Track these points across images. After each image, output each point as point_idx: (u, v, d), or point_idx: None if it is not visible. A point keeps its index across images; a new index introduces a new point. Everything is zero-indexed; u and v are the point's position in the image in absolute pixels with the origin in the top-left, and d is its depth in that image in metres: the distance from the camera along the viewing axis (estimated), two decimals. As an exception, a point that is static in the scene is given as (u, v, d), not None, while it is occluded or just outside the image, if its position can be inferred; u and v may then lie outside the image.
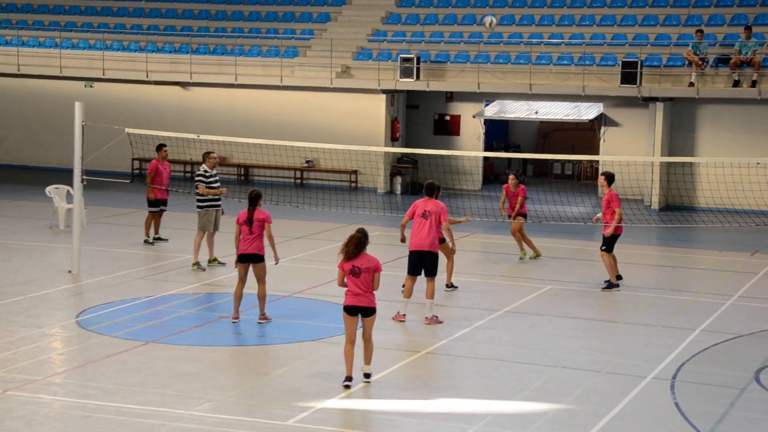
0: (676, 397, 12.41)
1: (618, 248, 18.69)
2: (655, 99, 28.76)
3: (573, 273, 19.51)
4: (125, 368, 13.09)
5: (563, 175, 34.10)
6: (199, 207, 18.97)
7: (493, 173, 33.33)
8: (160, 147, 21.36)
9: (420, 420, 11.52)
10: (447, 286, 17.84)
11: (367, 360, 12.56)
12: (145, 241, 21.31)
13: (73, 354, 13.87)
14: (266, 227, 15.00)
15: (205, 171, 18.91)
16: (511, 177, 20.45)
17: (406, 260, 20.45)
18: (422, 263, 15.65)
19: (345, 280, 12.38)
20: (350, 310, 12.36)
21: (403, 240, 16.35)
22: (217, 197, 19.02)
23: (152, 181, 21.16)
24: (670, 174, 28.58)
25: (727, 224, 24.41)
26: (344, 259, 12.31)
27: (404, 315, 15.66)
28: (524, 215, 20.40)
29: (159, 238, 21.51)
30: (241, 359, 13.88)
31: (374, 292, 12.37)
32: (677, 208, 28.42)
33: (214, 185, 18.94)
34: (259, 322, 15.14)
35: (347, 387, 12.28)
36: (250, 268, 15.19)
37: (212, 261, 19.20)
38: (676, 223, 25.76)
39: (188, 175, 32.11)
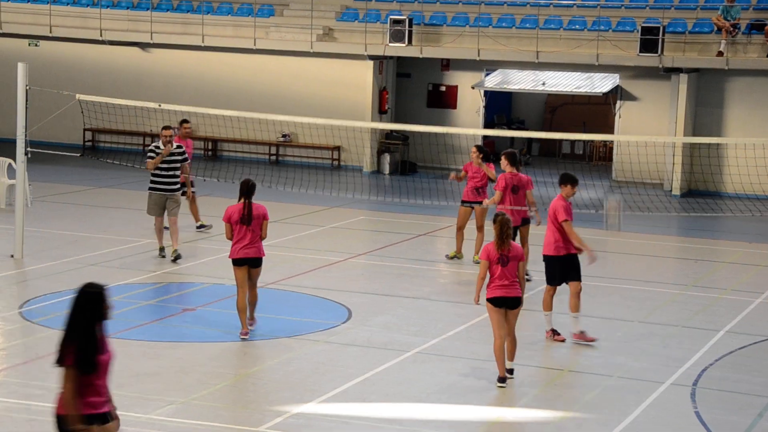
0: (698, 406, 12.51)
1: (635, 238, 18.72)
2: (678, 70, 28.86)
3: (582, 265, 19.58)
4: (75, 366, 13.12)
5: (573, 155, 34.18)
6: (149, 188, 18.82)
7: (494, 152, 33.39)
8: (182, 123, 21.12)
9: (408, 428, 11.60)
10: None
11: (510, 356, 13.05)
12: (201, 226, 21.07)
13: (16, 349, 13.89)
14: (264, 225, 14.31)
15: (156, 147, 18.77)
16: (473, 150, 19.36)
17: (393, 248, 20.76)
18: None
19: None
20: (497, 302, 12.80)
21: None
22: (169, 179, 18.61)
23: None
24: (694, 156, 28.70)
25: (757, 213, 24.54)
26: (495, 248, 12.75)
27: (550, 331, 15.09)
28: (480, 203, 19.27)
29: (203, 225, 21.13)
30: (208, 357, 13.88)
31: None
32: (701, 194, 28.54)
33: (168, 166, 18.58)
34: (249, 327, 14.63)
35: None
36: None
37: (173, 253, 18.89)
38: (700, 211, 25.86)
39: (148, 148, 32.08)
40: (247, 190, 14.43)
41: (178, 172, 18.76)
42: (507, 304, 12.83)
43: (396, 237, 21.70)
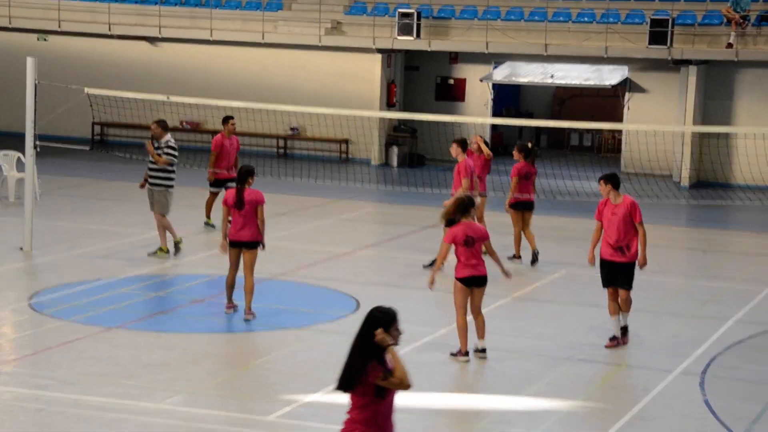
0: (707, 395, 12.50)
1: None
2: (687, 62, 28.80)
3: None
4: (84, 356, 13.13)
5: (581, 146, 34.17)
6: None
7: (502, 144, 33.41)
8: (227, 119, 20.61)
9: (418, 416, 11.59)
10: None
11: (482, 334, 13.42)
12: (206, 224, 20.78)
13: (26, 340, 13.92)
14: (259, 210, 14.66)
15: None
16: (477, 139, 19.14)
17: (401, 240, 20.75)
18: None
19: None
20: (468, 281, 13.17)
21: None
22: (151, 173, 18.37)
23: (216, 161, 20.31)
24: (703, 146, 28.64)
25: (767, 202, 24.50)
26: (445, 224, 13.28)
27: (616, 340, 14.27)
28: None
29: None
30: (216, 348, 13.94)
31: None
32: (710, 184, 28.49)
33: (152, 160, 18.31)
34: (245, 319, 14.77)
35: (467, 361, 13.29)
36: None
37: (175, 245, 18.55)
38: (709, 201, 25.84)
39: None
40: (239, 177, 14.84)
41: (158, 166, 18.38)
42: (475, 282, 13.20)
43: (404, 229, 21.71)
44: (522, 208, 18.63)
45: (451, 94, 32.16)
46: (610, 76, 30.52)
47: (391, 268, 18.39)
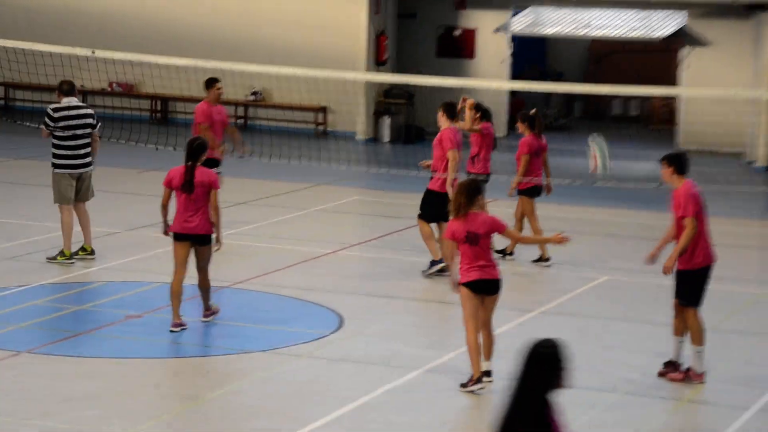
0: (792, 438, 12.50)
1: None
2: (762, 6, 28.82)
3: (640, 258, 19.53)
4: (-12, 388, 13.07)
5: (626, 116, 34.16)
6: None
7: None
8: (211, 82, 19.79)
9: (420, 466, 11.60)
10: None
11: (488, 354, 13.38)
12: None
13: None
14: (212, 195, 14.77)
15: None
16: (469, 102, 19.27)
17: (396, 237, 20.66)
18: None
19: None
20: (476, 287, 13.13)
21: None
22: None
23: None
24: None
25: None
26: (453, 218, 13.14)
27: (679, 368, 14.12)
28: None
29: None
30: (159, 377, 13.89)
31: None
32: (793, 165, 28.65)
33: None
34: (204, 320, 15.12)
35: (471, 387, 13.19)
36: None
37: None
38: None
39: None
40: (191, 151, 14.81)
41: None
42: (485, 288, 13.20)
43: (399, 222, 21.68)
44: (536, 194, 18.99)
45: (458, 48, 32.23)
46: (661, 25, 30.55)
47: (382, 274, 18.39)
